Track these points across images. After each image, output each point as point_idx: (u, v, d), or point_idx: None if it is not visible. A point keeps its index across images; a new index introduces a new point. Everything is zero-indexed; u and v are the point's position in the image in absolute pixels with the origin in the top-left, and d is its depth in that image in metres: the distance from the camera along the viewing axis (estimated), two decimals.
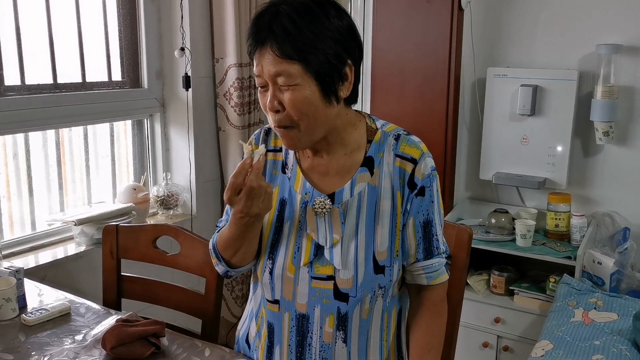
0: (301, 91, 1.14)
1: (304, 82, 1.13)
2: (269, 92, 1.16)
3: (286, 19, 1.12)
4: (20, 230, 2.21)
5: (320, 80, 1.15)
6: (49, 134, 2.27)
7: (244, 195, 1.16)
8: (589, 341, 2.02)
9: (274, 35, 1.12)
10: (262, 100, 1.20)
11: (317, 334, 1.26)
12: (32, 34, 2.14)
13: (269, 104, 1.17)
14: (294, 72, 1.12)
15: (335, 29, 1.15)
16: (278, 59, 1.12)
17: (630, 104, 2.52)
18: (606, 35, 2.50)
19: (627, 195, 2.59)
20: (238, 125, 2.64)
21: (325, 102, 1.17)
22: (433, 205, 1.27)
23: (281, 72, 1.13)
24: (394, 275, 1.26)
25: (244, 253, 1.28)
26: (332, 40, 1.14)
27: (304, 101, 1.14)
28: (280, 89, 1.15)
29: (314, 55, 1.13)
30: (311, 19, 1.13)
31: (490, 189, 2.87)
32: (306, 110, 1.15)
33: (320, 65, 1.14)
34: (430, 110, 2.67)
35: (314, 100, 1.15)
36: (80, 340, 1.47)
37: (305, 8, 1.14)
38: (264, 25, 1.14)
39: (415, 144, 1.27)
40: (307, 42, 1.12)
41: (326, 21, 1.14)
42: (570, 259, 2.37)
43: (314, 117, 1.17)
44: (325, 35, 1.13)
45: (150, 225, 2.04)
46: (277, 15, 1.13)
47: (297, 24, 1.12)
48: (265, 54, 1.14)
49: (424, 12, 2.62)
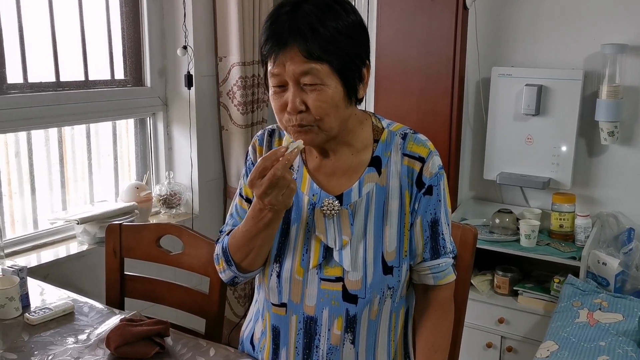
0: (327, 91, 1.12)
1: (329, 82, 1.12)
2: (290, 92, 1.13)
3: (312, 17, 1.10)
4: (23, 229, 2.20)
5: (344, 80, 1.14)
6: (51, 132, 2.26)
7: (267, 181, 1.10)
8: (594, 342, 2.01)
9: (301, 35, 1.09)
10: (277, 100, 1.16)
11: (325, 336, 1.25)
12: (34, 31, 2.13)
13: (291, 104, 1.13)
14: (320, 72, 1.11)
15: (354, 28, 1.14)
16: (304, 59, 1.10)
17: (635, 104, 2.51)
18: (611, 35, 2.48)
19: (631, 196, 2.57)
20: (241, 124, 2.63)
21: (346, 102, 1.16)
22: (440, 204, 1.26)
23: (308, 70, 1.10)
24: (402, 275, 1.25)
25: (256, 255, 1.24)
26: (353, 40, 1.14)
27: (330, 101, 1.13)
28: (304, 89, 1.13)
29: (339, 55, 1.11)
30: (335, 16, 1.11)
31: (494, 189, 2.85)
32: (329, 111, 1.14)
33: (345, 66, 1.13)
34: (434, 109, 2.66)
35: (337, 100, 1.14)
36: (84, 340, 1.46)
37: (327, 4, 1.12)
38: (285, 24, 1.11)
39: (422, 143, 1.26)
40: (333, 41, 1.10)
41: (347, 18, 1.13)
42: (575, 260, 2.36)
43: (335, 117, 1.16)
44: (347, 34, 1.12)
45: (153, 225, 2.03)
46: (299, 13, 1.11)
47: (323, 22, 1.10)
48: (290, 54, 1.10)
49: (428, 11, 2.60)
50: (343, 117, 1.18)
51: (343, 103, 1.16)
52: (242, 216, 1.31)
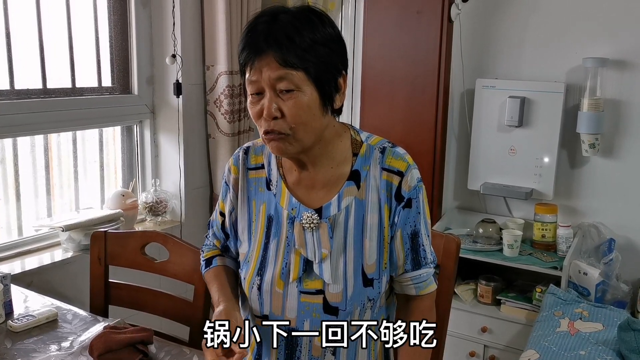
0: (302, 97, 1.14)
1: (305, 88, 1.14)
2: (267, 98, 1.15)
3: (289, 27, 1.12)
4: (7, 236, 2.19)
5: (320, 87, 1.15)
6: (37, 138, 2.26)
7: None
8: (574, 351, 2.04)
9: (277, 43, 1.11)
10: (253, 108, 1.18)
11: (307, 347, 1.27)
12: (22, 38, 2.13)
13: (266, 111, 1.14)
14: (296, 78, 1.12)
15: (331, 39, 1.17)
16: (280, 66, 1.11)
17: (616, 117, 2.56)
18: (593, 48, 2.53)
19: (612, 207, 2.62)
20: (228, 133, 2.64)
21: (322, 110, 1.18)
22: (420, 216, 1.27)
23: (284, 76, 1.12)
24: (382, 287, 1.26)
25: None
26: (329, 49, 1.16)
27: (305, 108, 1.14)
28: (280, 96, 1.14)
29: (316, 62, 1.13)
30: (312, 27, 1.14)
31: (478, 199, 2.89)
32: (304, 118, 1.15)
33: (321, 73, 1.14)
34: (420, 120, 2.69)
35: (313, 107, 1.15)
36: (67, 347, 1.46)
37: (305, 16, 1.15)
38: (262, 32, 1.13)
39: (401, 157, 1.27)
40: (309, 50, 1.12)
41: (324, 30, 1.15)
42: (557, 269, 2.40)
43: (310, 125, 1.17)
44: (324, 44, 1.14)
45: (139, 232, 2.04)
46: (276, 23, 1.13)
47: (300, 32, 1.12)
48: (266, 61, 1.12)
49: (414, 23, 2.64)
50: (319, 127, 1.19)
51: (319, 111, 1.17)
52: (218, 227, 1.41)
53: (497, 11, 2.73)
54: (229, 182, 1.35)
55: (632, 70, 2.50)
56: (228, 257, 1.43)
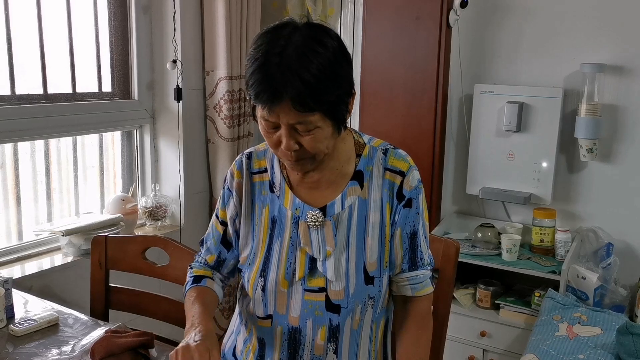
0: (320, 133, 1.16)
1: (322, 124, 1.15)
2: (284, 135, 1.15)
3: (300, 65, 1.08)
4: (7, 241, 2.19)
5: (335, 119, 1.18)
6: (38, 143, 2.26)
7: None
8: (573, 355, 2.05)
9: (294, 90, 1.08)
10: (270, 138, 1.18)
11: (309, 346, 1.28)
12: (23, 43, 2.14)
13: (286, 146, 1.16)
14: (314, 120, 1.13)
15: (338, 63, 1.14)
16: (299, 113, 1.11)
17: (613, 122, 2.57)
18: (590, 54, 2.55)
19: (610, 211, 2.63)
20: (227, 138, 2.65)
21: (337, 133, 1.21)
22: (419, 217, 1.30)
23: (302, 121, 1.13)
24: (383, 285, 1.28)
25: None
26: (342, 79, 1.15)
27: (322, 139, 1.17)
28: (297, 130, 1.15)
29: (330, 101, 1.14)
30: (321, 58, 1.10)
31: (477, 204, 2.90)
32: (323, 147, 1.19)
33: (336, 108, 1.16)
34: (419, 125, 2.70)
35: (329, 136, 1.18)
36: (69, 351, 1.47)
37: (311, 49, 1.10)
38: (275, 76, 1.09)
39: (402, 157, 1.31)
40: (324, 91, 1.11)
41: (332, 57, 1.13)
42: (555, 274, 2.41)
43: (327, 147, 1.21)
44: (334, 75, 1.13)
45: (139, 236, 2.04)
46: (286, 62, 1.09)
47: (313, 74, 1.09)
48: (282, 106, 1.10)
49: (413, 29, 2.66)
50: (333, 145, 1.23)
51: (335, 135, 1.20)
52: (216, 239, 1.39)
53: (496, 17, 2.75)
54: (232, 187, 1.35)
55: (629, 76, 2.52)
56: (217, 282, 1.40)
